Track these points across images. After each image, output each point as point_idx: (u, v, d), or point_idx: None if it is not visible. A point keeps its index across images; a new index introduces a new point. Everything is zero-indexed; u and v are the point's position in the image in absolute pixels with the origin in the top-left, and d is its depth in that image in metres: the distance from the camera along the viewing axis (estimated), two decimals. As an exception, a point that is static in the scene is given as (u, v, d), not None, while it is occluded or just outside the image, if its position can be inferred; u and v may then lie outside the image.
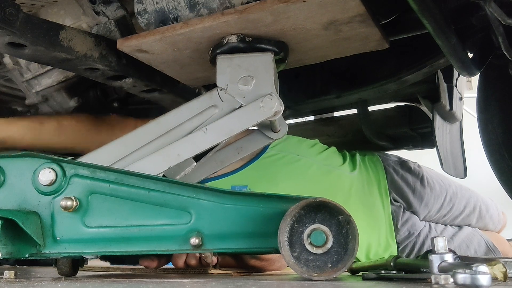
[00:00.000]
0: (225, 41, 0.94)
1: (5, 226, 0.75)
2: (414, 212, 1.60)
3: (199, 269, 1.08)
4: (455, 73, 1.62)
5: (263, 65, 0.94)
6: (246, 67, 0.94)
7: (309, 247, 0.72)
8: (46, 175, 0.80)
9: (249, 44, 0.94)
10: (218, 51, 0.95)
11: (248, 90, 0.93)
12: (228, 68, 0.94)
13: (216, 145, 1.00)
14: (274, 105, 0.91)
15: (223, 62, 0.95)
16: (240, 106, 0.93)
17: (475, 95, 1.47)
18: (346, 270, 0.89)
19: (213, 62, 0.97)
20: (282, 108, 0.92)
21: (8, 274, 0.89)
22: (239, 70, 0.94)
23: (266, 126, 1.12)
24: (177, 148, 0.92)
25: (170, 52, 0.99)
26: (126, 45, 0.98)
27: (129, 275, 1.06)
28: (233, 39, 0.93)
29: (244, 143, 1.15)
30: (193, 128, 0.94)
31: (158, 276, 1.00)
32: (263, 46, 0.94)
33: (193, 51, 0.99)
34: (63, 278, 0.91)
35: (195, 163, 1.04)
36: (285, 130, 1.13)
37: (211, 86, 0.98)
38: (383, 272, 0.86)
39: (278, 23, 0.90)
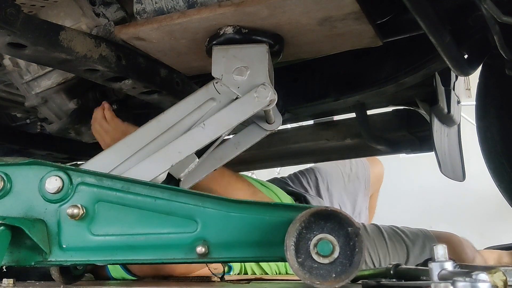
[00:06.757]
0: (221, 32, 0.98)
1: (11, 234, 0.78)
2: None
3: (201, 277, 1.12)
4: (453, 76, 1.68)
5: (258, 56, 0.98)
6: (241, 58, 0.98)
7: (315, 256, 0.75)
8: (53, 183, 0.82)
9: (245, 35, 0.98)
10: (214, 42, 0.99)
11: (243, 80, 0.97)
12: (223, 59, 0.99)
13: (216, 140, 1.03)
14: (268, 94, 0.95)
15: (218, 52, 0.99)
16: (237, 98, 0.97)
17: (474, 103, 1.53)
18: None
19: (209, 52, 1.01)
20: (276, 97, 0.97)
21: (7, 281, 0.92)
22: (234, 61, 0.98)
23: (261, 118, 1.15)
24: (178, 145, 0.96)
25: (167, 41, 1.03)
26: (123, 32, 1.01)
27: (130, 283, 1.10)
28: (229, 30, 0.97)
29: (241, 138, 1.17)
30: (194, 123, 0.98)
31: (158, 284, 1.04)
32: (259, 38, 0.99)
33: (189, 40, 1.03)
34: (62, 286, 0.95)
35: (197, 159, 1.08)
36: (279, 121, 1.17)
37: (207, 82, 1.02)
38: (383, 280, 0.89)
39: (274, 17, 0.95)
